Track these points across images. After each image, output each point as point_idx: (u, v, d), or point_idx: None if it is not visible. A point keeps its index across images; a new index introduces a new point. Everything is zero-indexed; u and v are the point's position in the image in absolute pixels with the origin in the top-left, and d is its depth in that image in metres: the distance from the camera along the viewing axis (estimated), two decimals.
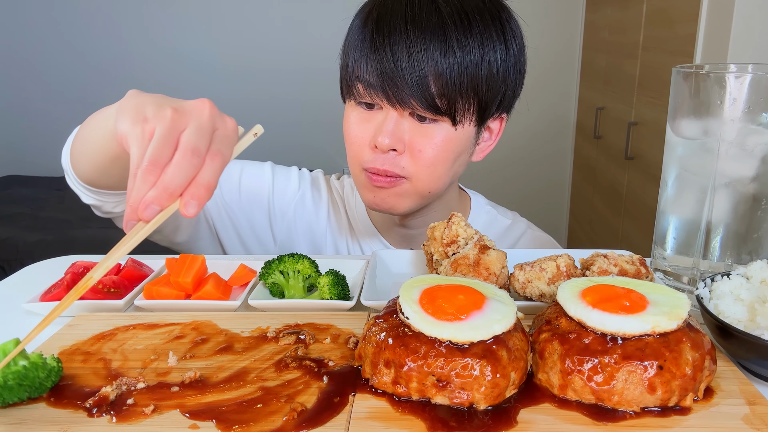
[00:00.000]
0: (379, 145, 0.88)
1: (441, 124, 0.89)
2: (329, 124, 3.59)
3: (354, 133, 0.93)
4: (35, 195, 3.36)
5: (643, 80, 2.43)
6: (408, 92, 0.84)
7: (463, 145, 0.93)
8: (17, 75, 3.65)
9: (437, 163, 0.91)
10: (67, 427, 0.52)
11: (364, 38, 0.87)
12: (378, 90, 0.86)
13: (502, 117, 0.98)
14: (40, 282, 0.81)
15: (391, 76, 0.84)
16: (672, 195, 0.77)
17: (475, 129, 0.93)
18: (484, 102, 0.89)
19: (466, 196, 1.17)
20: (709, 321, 0.63)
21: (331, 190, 1.17)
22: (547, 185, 3.72)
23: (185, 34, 3.59)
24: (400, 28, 0.84)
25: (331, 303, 0.75)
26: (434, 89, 0.84)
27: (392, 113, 0.88)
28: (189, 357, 0.63)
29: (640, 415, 0.52)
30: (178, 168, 0.55)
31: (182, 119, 0.57)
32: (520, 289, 0.72)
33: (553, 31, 3.40)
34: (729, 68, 0.70)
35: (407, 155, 0.90)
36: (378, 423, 0.52)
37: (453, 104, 0.86)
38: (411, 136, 0.89)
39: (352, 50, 0.89)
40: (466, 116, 0.89)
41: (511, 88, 0.93)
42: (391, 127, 0.88)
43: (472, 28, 0.85)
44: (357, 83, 0.89)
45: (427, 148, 0.89)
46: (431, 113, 0.87)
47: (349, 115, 0.94)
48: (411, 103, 0.85)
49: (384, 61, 0.84)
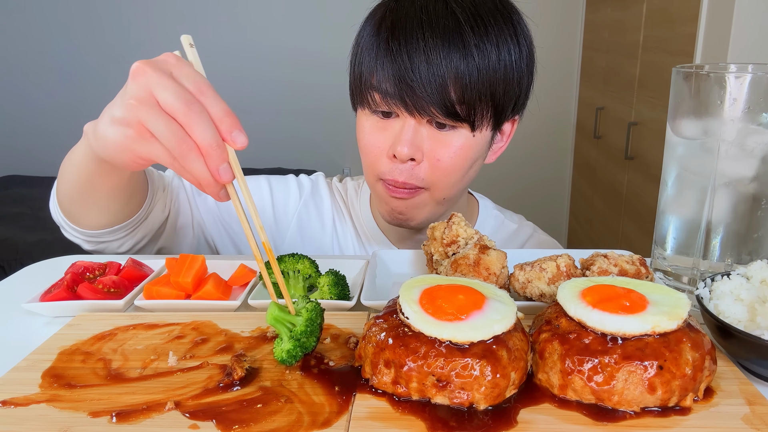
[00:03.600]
0: (398, 154, 0.86)
1: (459, 130, 0.87)
2: (328, 124, 3.60)
3: (370, 143, 0.90)
4: (35, 195, 3.35)
5: (643, 80, 2.43)
6: (428, 100, 0.82)
7: (479, 151, 0.92)
8: (17, 75, 3.65)
9: (455, 171, 0.90)
10: (67, 427, 0.52)
11: (379, 45, 0.84)
12: (396, 98, 0.84)
13: (515, 119, 0.97)
14: (40, 282, 0.81)
15: (410, 84, 0.82)
16: (672, 195, 0.77)
17: (491, 133, 0.92)
18: (500, 106, 0.88)
19: (474, 201, 1.16)
20: (709, 321, 0.63)
21: (334, 195, 1.15)
22: (547, 185, 3.72)
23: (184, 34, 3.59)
24: (417, 34, 0.81)
25: (331, 303, 0.75)
26: (454, 96, 0.82)
27: (410, 121, 0.86)
28: (189, 357, 0.63)
29: (640, 415, 0.52)
30: (194, 125, 0.55)
31: (146, 96, 0.56)
32: (520, 289, 0.72)
33: (553, 31, 3.40)
34: (729, 68, 0.69)
35: (425, 164, 0.88)
36: (378, 423, 0.52)
37: (472, 110, 0.85)
38: (429, 145, 0.87)
39: (366, 58, 0.87)
40: (484, 121, 0.87)
41: (524, 90, 0.93)
42: (410, 136, 0.86)
43: (488, 30, 0.83)
44: (373, 92, 0.86)
45: (445, 156, 0.88)
46: (451, 120, 0.85)
47: (363, 125, 0.91)
48: (430, 111, 0.83)
49: (402, 68, 0.82)
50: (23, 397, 0.56)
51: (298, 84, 3.60)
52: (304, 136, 3.68)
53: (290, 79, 3.61)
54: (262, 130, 3.65)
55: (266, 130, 3.67)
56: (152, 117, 0.56)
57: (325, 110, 3.57)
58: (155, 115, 0.56)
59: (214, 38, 3.58)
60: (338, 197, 1.15)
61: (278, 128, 3.70)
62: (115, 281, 0.79)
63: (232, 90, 3.63)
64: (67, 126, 3.83)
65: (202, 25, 3.58)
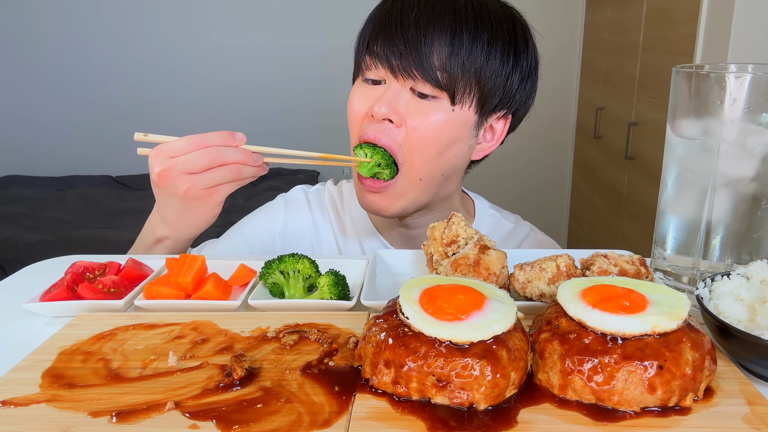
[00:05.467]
0: (374, 113, 0.90)
1: (439, 102, 0.90)
2: (329, 125, 3.60)
3: (354, 107, 0.94)
4: (35, 195, 3.35)
5: (643, 80, 2.43)
6: (411, 61, 0.86)
7: (459, 130, 0.92)
8: (17, 75, 3.65)
9: (430, 143, 0.91)
10: (67, 427, 0.52)
11: (378, 14, 0.91)
12: (383, 59, 0.89)
13: (507, 118, 0.98)
14: (40, 282, 0.81)
15: (397, 45, 0.87)
16: (672, 195, 0.77)
17: (475, 118, 0.93)
18: (485, 92, 0.91)
19: (470, 200, 1.16)
20: (709, 321, 0.63)
21: (311, 204, 1.16)
22: (547, 185, 3.72)
23: (186, 36, 3.59)
24: (414, 5, 0.88)
25: (331, 303, 0.75)
26: (436, 62, 0.87)
27: (394, 85, 0.90)
28: (189, 357, 0.63)
29: (640, 415, 0.52)
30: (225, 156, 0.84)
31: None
32: (520, 289, 0.72)
33: (553, 31, 3.40)
34: (729, 68, 0.69)
35: (403, 130, 0.91)
36: (378, 423, 0.52)
37: (454, 81, 0.88)
38: (408, 111, 0.90)
39: (366, 27, 0.93)
40: (465, 98, 0.90)
41: (516, 92, 0.94)
42: (390, 96, 0.90)
43: (483, 20, 0.88)
44: (365, 56, 0.92)
45: (422, 126, 0.90)
46: (431, 86, 0.88)
47: (353, 93, 0.96)
48: (413, 73, 0.87)
49: (392, 31, 0.88)
50: (23, 397, 0.56)
51: (299, 84, 3.60)
52: (304, 137, 3.68)
53: (292, 79, 3.62)
54: (262, 131, 3.65)
55: (267, 130, 3.67)
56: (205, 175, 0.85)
57: (326, 111, 3.57)
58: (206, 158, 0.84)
59: (215, 39, 3.58)
60: (328, 201, 1.17)
61: (279, 128, 3.70)
62: (115, 281, 0.79)
63: (233, 90, 3.64)
64: (68, 126, 3.84)
65: (202, 25, 3.58)
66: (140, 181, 3.58)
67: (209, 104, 3.62)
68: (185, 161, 0.82)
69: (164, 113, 3.63)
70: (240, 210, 1.18)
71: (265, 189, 3.24)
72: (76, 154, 3.74)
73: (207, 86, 3.63)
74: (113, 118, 3.68)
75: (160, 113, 3.63)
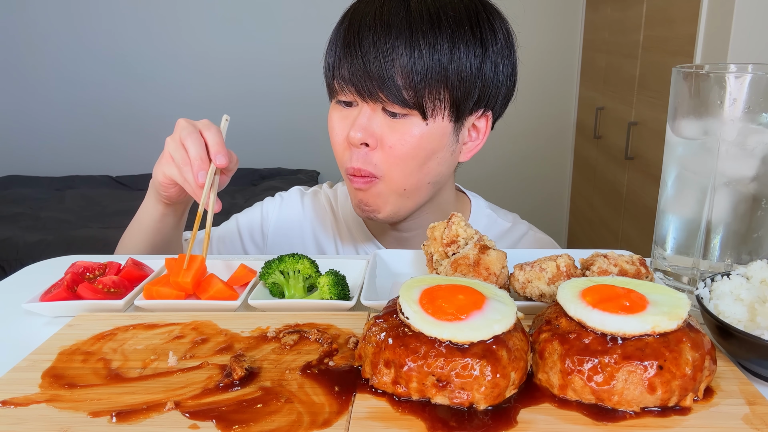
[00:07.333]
0: (350, 139, 0.90)
1: (411, 118, 0.89)
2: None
3: (334, 132, 0.95)
4: (35, 195, 3.35)
5: (643, 80, 2.43)
6: (375, 84, 0.87)
7: (436, 141, 0.92)
8: (17, 75, 3.65)
9: (407, 159, 0.91)
10: (67, 427, 0.52)
11: (339, 37, 0.91)
12: (349, 84, 0.89)
13: (487, 115, 0.97)
14: (40, 282, 0.81)
15: (360, 70, 0.87)
16: (672, 195, 0.77)
17: (451, 126, 0.92)
18: (456, 98, 0.90)
19: (466, 199, 1.16)
20: (709, 321, 0.63)
21: (304, 206, 1.17)
22: (547, 185, 3.72)
23: (185, 36, 3.59)
24: (369, 25, 0.87)
25: (331, 303, 0.75)
26: (400, 81, 0.86)
27: (365, 108, 0.90)
28: (189, 357, 0.63)
29: (640, 415, 0.52)
30: (189, 145, 0.85)
31: (175, 139, 0.87)
32: (520, 289, 0.72)
33: (553, 31, 3.40)
34: (729, 68, 0.69)
35: (379, 151, 0.91)
36: (378, 423, 0.52)
37: (421, 97, 0.87)
38: (382, 132, 0.90)
39: (330, 50, 0.93)
40: (437, 111, 0.90)
41: (491, 87, 0.93)
42: (363, 121, 0.90)
43: (441, 25, 0.87)
44: (333, 80, 0.92)
45: (398, 144, 0.90)
46: (400, 107, 0.88)
47: (331, 116, 0.96)
48: (379, 96, 0.87)
49: (354, 56, 0.88)
50: (23, 397, 0.56)
51: (299, 84, 3.60)
52: (304, 137, 3.68)
53: (291, 79, 3.61)
54: (262, 131, 3.65)
55: (267, 130, 3.67)
56: (172, 148, 0.87)
57: (325, 111, 3.57)
58: (175, 147, 0.87)
59: (215, 39, 3.58)
60: (324, 202, 1.17)
61: (279, 129, 3.70)
62: (115, 281, 0.79)
63: (233, 91, 3.64)
64: (68, 126, 3.85)
65: (202, 25, 3.58)
66: (140, 181, 3.57)
67: (209, 104, 3.62)
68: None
69: (164, 113, 3.63)
70: (240, 210, 1.20)
71: (264, 189, 3.24)
72: (76, 154, 3.74)
73: (207, 86, 3.63)
74: (113, 119, 3.69)
75: (160, 113, 3.63)
